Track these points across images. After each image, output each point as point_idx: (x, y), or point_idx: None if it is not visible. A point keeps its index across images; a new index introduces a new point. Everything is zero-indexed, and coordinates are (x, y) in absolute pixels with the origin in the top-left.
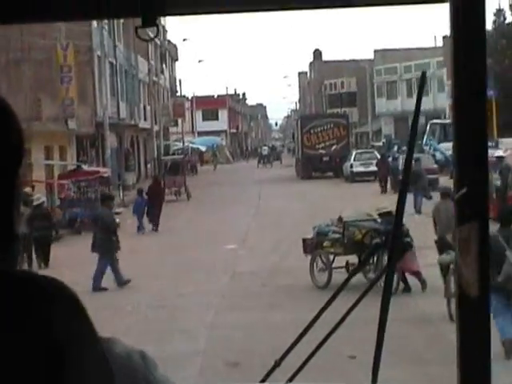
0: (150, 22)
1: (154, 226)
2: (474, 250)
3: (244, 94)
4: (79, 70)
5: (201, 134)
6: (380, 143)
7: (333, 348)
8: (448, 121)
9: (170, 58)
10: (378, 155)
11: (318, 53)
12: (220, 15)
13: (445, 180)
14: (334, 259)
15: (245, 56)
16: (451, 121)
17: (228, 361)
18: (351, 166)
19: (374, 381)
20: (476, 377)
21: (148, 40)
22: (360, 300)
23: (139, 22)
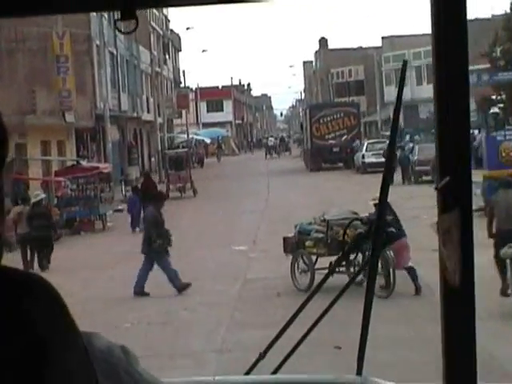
0: (129, 14)
1: None
2: (455, 239)
3: (249, 85)
4: (77, 60)
5: (205, 125)
6: (387, 133)
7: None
8: None
9: (173, 48)
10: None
11: (323, 41)
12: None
13: None
14: (317, 260)
15: (249, 46)
16: (434, 110)
17: None
18: (363, 156)
19: (358, 372)
20: (461, 366)
21: (126, 33)
22: (342, 293)
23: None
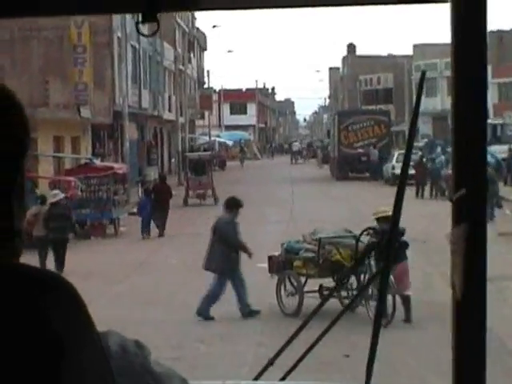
0: (150, 17)
1: (160, 230)
2: (462, 251)
3: (273, 89)
4: (96, 52)
5: (228, 128)
6: (420, 143)
7: None
8: (498, 121)
9: (198, 47)
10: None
11: (351, 47)
12: None
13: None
14: (306, 282)
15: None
16: (451, 120)
17: None
18: (393, 167)
19: (367, 381)
20: (471, 375)
21: (147, 35)
22: (353, 302)
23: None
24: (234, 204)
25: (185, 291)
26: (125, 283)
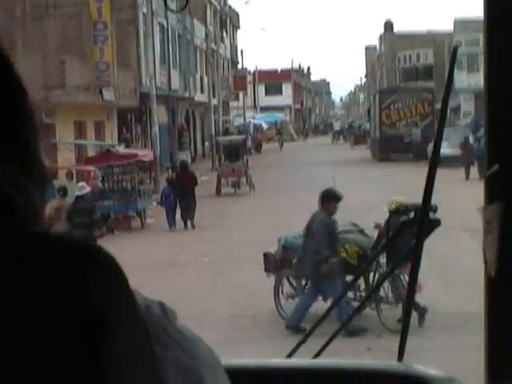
0: None
1: (187, 222)
2: (495, 231)
3: (309, 69)
4: (120, 29)
5: (263, 109)
6: (464, 122)
7: None
8: None
9: (230, 26)
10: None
11: (389, 24)
12: None
13: None
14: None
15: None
16: (484, 93)
17: None
18: None
19: (399, 359)
20: (504, 354)
21: (176, 11)
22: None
23: None
24: (331, 197)
25: (220, 301)
26: (146, 287)
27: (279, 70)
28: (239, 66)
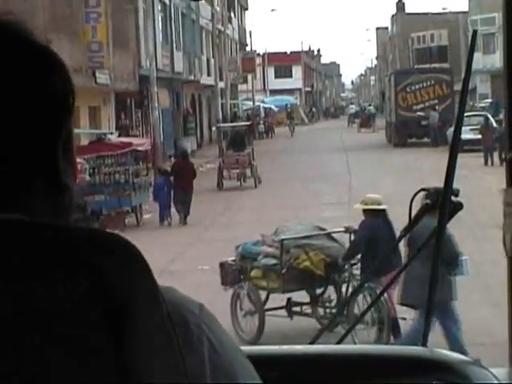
0: None
1: (182, 217)
2: None
3: (319, 51)
4: (117, 7)
5: (273, 92)
6: (482, 104)
7: None
8: None
9: (239, 6)
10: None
11: (401, 4)
12: None
13: None
14: (268, 297)
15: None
16: (503, 78)
17: None
18: None
19: (424, 344)
20: None
21: None
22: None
23: None
24: (432, 205)
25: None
26: None
27: (289, 51)
28: (248, 48)
